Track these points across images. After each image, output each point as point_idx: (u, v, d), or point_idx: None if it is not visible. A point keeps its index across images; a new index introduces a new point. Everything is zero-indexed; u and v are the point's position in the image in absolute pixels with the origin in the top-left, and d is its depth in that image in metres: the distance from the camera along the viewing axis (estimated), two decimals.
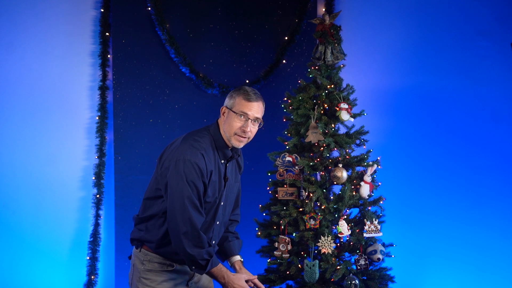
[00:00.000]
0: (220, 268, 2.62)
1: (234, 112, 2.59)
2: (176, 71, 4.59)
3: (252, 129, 2.62)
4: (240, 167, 2.85)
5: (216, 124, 2.67)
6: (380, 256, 3.56)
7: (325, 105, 3.71)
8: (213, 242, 2.72)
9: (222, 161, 2.66)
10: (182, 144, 2.57)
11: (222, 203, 2.70)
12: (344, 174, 3.58)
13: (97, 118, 4.44)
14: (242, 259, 2.87)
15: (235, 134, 2.59)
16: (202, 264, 2.55)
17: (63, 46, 4.39)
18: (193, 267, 2.58)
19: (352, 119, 3.68)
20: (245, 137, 2.61)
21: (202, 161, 2.53)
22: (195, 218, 2.51)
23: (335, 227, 3.58)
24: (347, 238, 3.63)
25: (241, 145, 2.64)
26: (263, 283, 3.72)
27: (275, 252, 3.65)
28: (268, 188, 3.80)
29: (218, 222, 2.71)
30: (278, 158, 3.70)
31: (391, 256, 3.69)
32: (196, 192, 2.51)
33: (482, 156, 4.19)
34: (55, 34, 4.37)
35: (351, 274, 3.54)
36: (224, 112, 2.64)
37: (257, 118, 2.62)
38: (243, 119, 2.59)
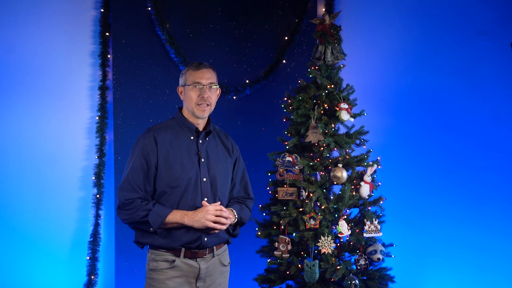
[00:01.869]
0: (174, 213, 2.60)
1: (189, 85, 2.70)
2: (176, 71, 4.58)
3: (211, 95, 2.72)
4: (228, 149, 2.84)
5: (178, 110, 2.80)
6: (380, 256, 3.56)
7: (325, 105, 3.71)
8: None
9: (192, 137, 2.73)
10: None
11: (205, 179, 2.69)
12: (344, 174, 3.59)
13: (97, 118, 4.44)
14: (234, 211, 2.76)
15: (196, 104, 2.70)
16: (145, 220, 2.58)
17: (63, 46, 4.39)
18: (150, 229, 2.59)
19: (352, 119, 3.68)
20: (206, 104, 2.70)
21: (151, 139, 2.65)
22: (131, 179, 2.60)
23: (335, 227, 3.59)
24: (347, 238, 3.63)
25: (205, 114, 2.72)
26: (263, 283, 3.73)
27: (275, 252, 3.66)
28: (268, 188, 3.80)
29: (206, 199, 2.68)
30: (278, 158, 3.71)
31: (391, 256, 3.69)
32: (140, 163, 2.63)
33: (482, 156, 4.19)
34: (55, 34, 4.37)
35: (351, 274, 3.54)
36: (181, 91, 2.76)
37: (211, 84, 2.72)
38: (198, 88, 2.70)
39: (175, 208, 2.63)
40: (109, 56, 4.47)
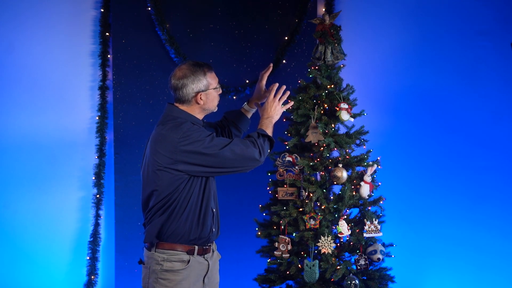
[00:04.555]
0: (264, 126, 2.82)
1: (216, 88, 2.72)
2: None
3: None
4: None
5: (185, 114, 2.68)
6: (380, 256, 3.56)
7: (325, 105, 3.71)
8: (214, 210, 2.71)
9: None
10: (172, 132, 2.60)
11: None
12: (344, 174, 3.58)
13: (97, 118, 4.44)
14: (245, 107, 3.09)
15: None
16: (264, 139, 2.74)
17: (63, 46, 4.39)
18: (270, 148, 2.79)
19: (352, 119, 3.68)
20: None
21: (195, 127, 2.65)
22: (230, 141, 2.63)
23: (335, 227, 3.58)
24: (347, 238, 3.63)
25: None
26: (263, 283, 3.73)
27: (275, 252, 3.65)
28: (268, 188, 3.80)
29: (213, 191, 2.74)
30: (278, 158, 3.71)
31: (391, 256, 3.69)
32: (211, 135, 2.60)
33: (482, 155, 4.19)
34: (55, 34, 4.37)
35: (351, 274, 3.54)
36: (201, 97, 2.67)
37: None
38: (219, 86, 2.75)
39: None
40: (109, 56, 4.47)
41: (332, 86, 3.74)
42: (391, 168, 4.05)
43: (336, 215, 3.59)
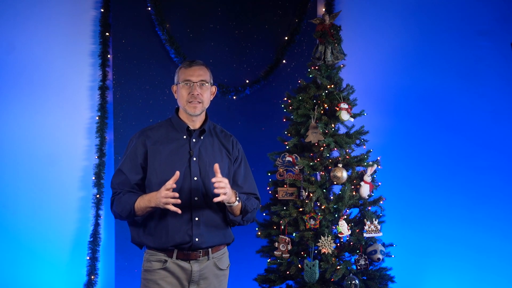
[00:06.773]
0: (142, 197, 2.59)
1: (180, 83, 2.70)
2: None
3: (202, 93, 2.69)
4: (227, 149, 2.77)
5: (174, 110, 2.82)
6: (380, 256, 3.56)
7: (325, 105, 3.71)
8: (196, 219, 2.61)
9: (184, 137, 2.71)
10: None
11: (196, 178, 2.64)
12: (344, 174, 3.59)
13: (97, 118, 4.43)
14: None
15: (187, 102, 2.68)
16: (122, 214, 2.66)
17: (63, 46, 4.39)
18: (131, 219, 2.67)
19: (352, 119, 3.69)
20: (197, 101, 2.68)
21: (139, 141, 2.71)
22: (116, 178, 2.75)
23: (335, 227, 3.59)
24: (347, 238, 3.63)
25: (197, 111, 2.69)
26: (263, 283, 3.73)
27: (275, 252, 3.66)
28: (268, 188, 3.80)
29: (197, 198, 2.62)
30: (278, 158, 3.71)
31: (391, 256, 3.69)
32: (129, 158, 2.70)
33: (482, 155, 4.19)
34: (55, 34, 4.36)
35: (351, 274, 3.54)
36: (175, 90, 2.77)
37: (202, 81, 2.69)
38: (188, 85, 2.68)
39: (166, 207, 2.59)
40: (109, 56, 4.47)
41: (332, 86, 3.74)
42: (391, 168, 4.05)
43: (336, 215, 3.59)
